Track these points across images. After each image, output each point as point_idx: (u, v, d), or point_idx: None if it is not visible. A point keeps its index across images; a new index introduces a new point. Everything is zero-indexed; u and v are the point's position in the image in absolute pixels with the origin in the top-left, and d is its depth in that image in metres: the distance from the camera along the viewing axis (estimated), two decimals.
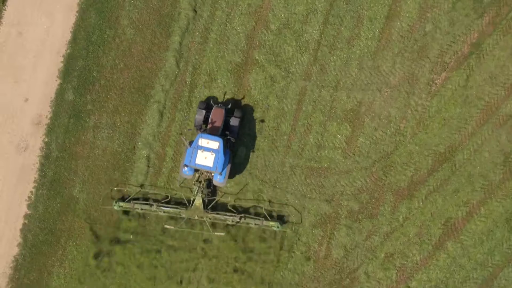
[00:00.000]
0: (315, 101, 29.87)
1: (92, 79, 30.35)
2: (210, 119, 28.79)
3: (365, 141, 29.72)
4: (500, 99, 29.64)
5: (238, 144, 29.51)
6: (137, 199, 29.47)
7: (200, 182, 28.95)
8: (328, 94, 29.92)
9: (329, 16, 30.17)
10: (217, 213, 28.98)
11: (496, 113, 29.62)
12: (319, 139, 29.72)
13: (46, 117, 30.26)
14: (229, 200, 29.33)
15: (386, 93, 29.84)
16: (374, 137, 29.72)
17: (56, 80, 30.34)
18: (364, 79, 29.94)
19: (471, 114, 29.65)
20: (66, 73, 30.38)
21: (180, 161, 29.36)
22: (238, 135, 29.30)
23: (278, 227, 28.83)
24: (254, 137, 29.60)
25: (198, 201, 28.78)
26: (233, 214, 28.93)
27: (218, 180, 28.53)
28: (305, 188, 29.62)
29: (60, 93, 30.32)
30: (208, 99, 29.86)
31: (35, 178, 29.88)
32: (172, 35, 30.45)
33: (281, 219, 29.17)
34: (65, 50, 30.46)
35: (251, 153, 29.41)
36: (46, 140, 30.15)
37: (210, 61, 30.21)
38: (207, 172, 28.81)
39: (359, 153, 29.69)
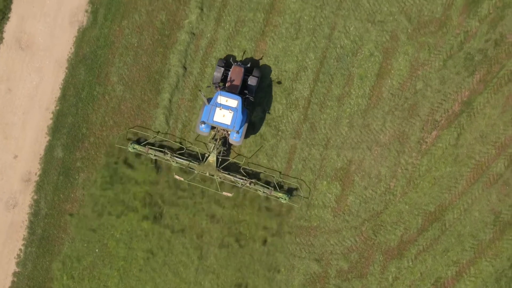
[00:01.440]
0: (305, 160, 30.21)
1: (82, 136, 30.74)
2: (229, 77, 29.46)
3: (355, 200, 30.07)
4: (490, 158, 29.97)
5: (254, 104, 30.30)
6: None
7: (216, 139, 29.45)
8: (318, 152, 30.25)
9: (320, 74, 30.50)
10: (229, 174, 29.42)
11: (487, 172, 29.95)
12: (309, 198, 30.02)
13: (36, 174, 30.63)
14: (242, 163, 30.07)
15: (376, 152, 30.16)
16: (364, 196, 30.06)
17: (45, 137, 30.75)
18: (354, 137, 30.26)
19: (462, 173, 29.98)
20: (55, 130, 30.79)
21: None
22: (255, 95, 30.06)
23: (286, 199, 29.48)
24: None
25: (212, 158, 29.47)
26: (243, 178, 29.44)
27: (235, 138, 29.21)
28: (294, 247, 30.02)
29: (49, 150, 30.75)
30: (228, 57, 30.47)
31: (24, 235, 30.29)
32: (162, 92, 30.82)
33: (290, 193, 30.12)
34: (55, 107, 30.83)
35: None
36: (35, 197, 30.55)
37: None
38: (224, 130, 29.45)
39: (349, 212, 30.04)
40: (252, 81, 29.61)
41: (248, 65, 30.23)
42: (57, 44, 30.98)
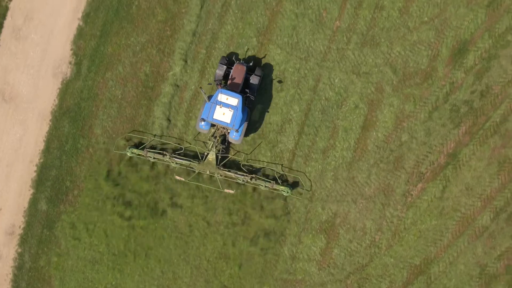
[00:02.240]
0: (289, 213, 30.23)
1: (66, 189, 30.91)
2: (230, 75, 29.72)
3: (340, 253, 30.18)
4: (476, 211, 30.09)
5: (255, 103, 30.54)
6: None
7: (215, 137, 29.69)
8: (302, 205, 30.40)
9: (304, 126, 30.65)
10: (229, 171, 29.68)
11: (472, 224, 30.09)
12: (294, 251, 30.14)
13: (19, 227, 30.80)
14: (241, 159, 30.36)
15: (361, 205, 30.27)
16: (349, 249, 30.17)
17: (29, 190, 30.87)
18: (339, 190, 30.36)
19: (447, 226, 30.10)
20: (39, 182, 30.90)
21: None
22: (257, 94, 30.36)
23: (287, 192, 29.79)
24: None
25: (211, 156, 29.74)
26: (244, 174, 29.73)
27: (234, 137, 29.53)
28: None
29: (33, 203, 30.86)
30: (230, 55, 30.63)
31: None
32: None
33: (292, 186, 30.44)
34: (38, 159, 30.95)
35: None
36: (19, 250, 30.73)
37: None
38: (224, 128, 29.71)
39: (334, 265, 30.15)
40: (254, 80, 29.84)
41: (251, 64, 30.40)
42: (40, 96, 31.10)
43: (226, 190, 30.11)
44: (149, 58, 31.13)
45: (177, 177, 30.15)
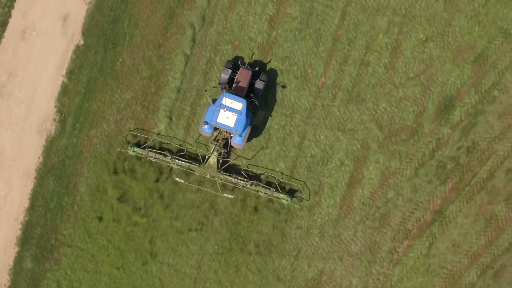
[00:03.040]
0: (275, 270, 30.34)
1: (51, 247, 31.04)
2: (236, 79, 29.83)
3: None
4: (463, 268, 30.23)
5: (257, 108, 30.75)
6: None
7: (217, 141, 29.75)
8: (288, 263, 30.49)
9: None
10: (229, 175, 29.83)
11: (459, 281, 30.28)
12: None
13: (5, 285, 31.14)
14: (243, 165, 30.52)
15: (347, 262, 30.37)
16: None
17: (15, 248, 31.04)
18: (325, 247, 30.44)
19: (434, 283, 30.24)
20: (24, 240, 31.05)
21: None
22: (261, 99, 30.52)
23: (287, 200, 29.95)
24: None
25: (213, 160, 29.89)
26: (244, 179, 29.84)
27: (237, 141, 29.63)
28: None
29: (19, 261, 31.09)
30: (236, 58, 30.76)
31: None
32: None
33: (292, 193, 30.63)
34: (23, 217, 31.09)
35: None
36: None
37: None
38: (227, 132, 29.82)
39: None
40: (259, 84, 29.98)
41: (256, 69, 30.56)
42: (25, 154, 31.21)
43: (225, 195, 30.25)
44: (133, 115, 31.22)
45: (177, 179, 30.24)
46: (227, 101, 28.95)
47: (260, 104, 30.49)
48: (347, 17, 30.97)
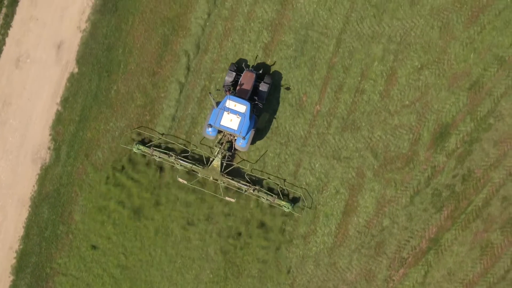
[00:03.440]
0: None
1: (46, 276, 31.17)
2: (239, 81, 29.94)
3: None
4: None
5: (261, 110, 30.86)
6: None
7: (221, 143, 29.87)
8: None
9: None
10: (232, 179, 29.88)
11: None
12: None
13: None
14: (247, 169, 30.60)
15: None
16: None
17: (9, 277, 31.23)
18: (321, 276, 30.52)
19: None
20: (19, 269, 31.11)
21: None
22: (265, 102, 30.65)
23: (288, 208, 29.98)
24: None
25: (217, 163, 30.00)
26: (247, 184, 29.97)
27: (241, 144, 29.75)
28: None
29: None
30: (240, 61, 30.88)
31: None
32: None
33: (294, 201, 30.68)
34: (18, 246, 31.16)
35: None
36: None
37: None
38: (230, 134, 29.93)
39: None
40: (263, 87, 30.12)
41: (260, 72, 30.62)
42: (19, 182, 31.24)
43: (227, 198, 30.33)
44: (128, 143, 31.18)
45: (180, 179, 30.32)
46: (230, 103, 29.08)
47: (264, 107, 30.58)
48: (342, 44, 30.98)
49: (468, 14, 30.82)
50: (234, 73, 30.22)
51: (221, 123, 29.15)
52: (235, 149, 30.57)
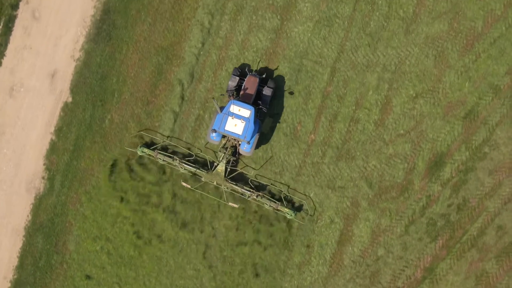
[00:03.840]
0: None
1: None
2: (243, 86, 29.97)
3: None
4: None
5: (265, 115, 30.96)
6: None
7: (226, 148, 29.93)
8: None
9: None
10: (236, 184, 30.00)
11: None
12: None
13: None
14: (250, 175, 30.69)
15: None
16: None
17: None
18: None
19: None
20: None
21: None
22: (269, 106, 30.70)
23: (291, 215, 30.08)
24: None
25: (221, 168, 30.05)
26: (251, 190, 30.05)
27: (245, 149, 29.81)
28: None
29: None
30: (243, 66, 30.91)
31: None
32: None
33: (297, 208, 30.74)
34: (12, 276, 31.35)
35: None
36: None
37: None
38: (235, 139, 29.90)
39: None
40: (266, 91, 30.11)
41: (264, 76, 30.65)
42: (14, 212, 31.29)
43: (230, 204, 30.38)
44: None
45: (184, 184, 30.37)
46: (234, 108, 29.06)
47: (267, 111, 30.64)
48: (336, 73, 30.96)
49: (463, 42, 30.80)
50: (238, 78, 30.23)
51: (225, 128, 29.13)
52: (239, 154, 30.62)
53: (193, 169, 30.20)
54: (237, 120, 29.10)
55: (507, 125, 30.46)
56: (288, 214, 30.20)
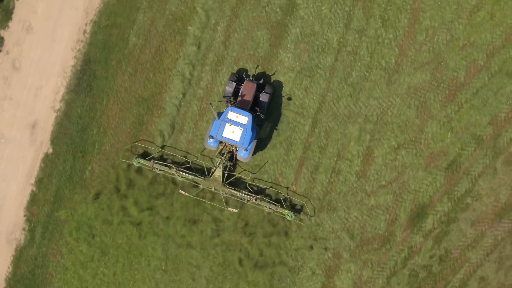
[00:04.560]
0: None
1: None
2: (240, 92, 30.09)
3: None
4: None
5: (263, 121, 31.02)
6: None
7: (223, 154, 30.04)
8: None
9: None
10: (234, 189, 30.12)
11: None
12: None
13: None
14: (248, 179, 30.78)
15: None
16: None
17: None
18: None
19: None
20: None
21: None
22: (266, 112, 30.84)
23: (291, 216, 30.15)
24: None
25: (218, 173, 30.17)
26: (249, 194, 30.22)
27: (243, 155, 29.89)
28: None
29: None
30: (240, 71, 30.97)
31: None
32: None
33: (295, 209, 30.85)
34: None
35: None
36: None
37: None
38: (232, 145, 30.06)
39: None
40: (264, 97, 30.20)
41: (261, 81, 30.73)
42: None
43: (229, 209, 30.47)
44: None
45: (181, 191, 30.46)
46: (232, 115, 29.14)
47: (265, 117, 30.74)
48: (318, 124, 30.94)
49: (446, 92, 30.76)
50: (235, 83, 30.26)
51: (223, 135, 29.22)
52: (236, 159, 30.73)
53: (190, 177, 30.25)
54: (235, 127, 29.17)
55: (490, 176, 30.47)
56: (288, 215, 30.23)
